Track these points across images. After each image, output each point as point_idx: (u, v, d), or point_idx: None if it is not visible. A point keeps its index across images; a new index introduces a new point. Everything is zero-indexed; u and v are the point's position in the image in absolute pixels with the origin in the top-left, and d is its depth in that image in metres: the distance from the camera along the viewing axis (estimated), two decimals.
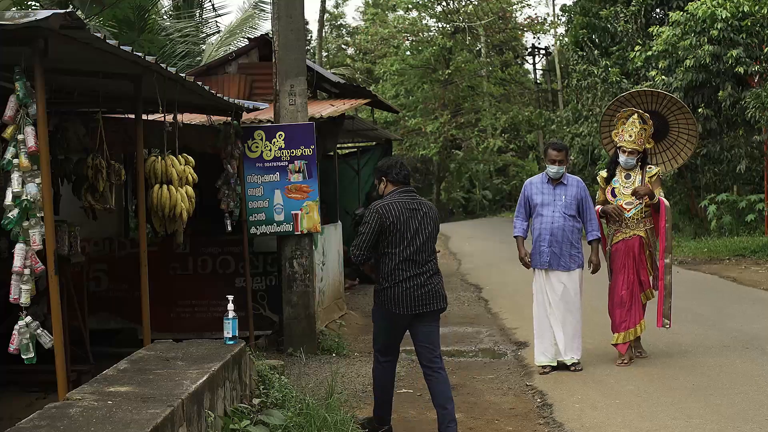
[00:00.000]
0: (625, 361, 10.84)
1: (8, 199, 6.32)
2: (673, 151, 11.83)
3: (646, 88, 12.34)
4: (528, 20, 54.45)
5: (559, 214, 10.61)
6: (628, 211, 10.96)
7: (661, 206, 10.84)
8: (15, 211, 6.28)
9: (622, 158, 11.00)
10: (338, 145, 20.65)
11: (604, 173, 11.37)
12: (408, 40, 53.84)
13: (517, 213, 11.13)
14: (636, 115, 10.97)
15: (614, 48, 32.68)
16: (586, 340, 11.87)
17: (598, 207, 11.16)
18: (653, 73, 25.75)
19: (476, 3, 51.96)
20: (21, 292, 6.32)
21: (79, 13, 13.81)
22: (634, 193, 10.83)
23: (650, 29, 27.11)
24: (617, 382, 9.97)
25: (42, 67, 6.26)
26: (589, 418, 8.70)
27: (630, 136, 10.89)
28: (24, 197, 6.28)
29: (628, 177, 11.04)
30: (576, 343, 10.78)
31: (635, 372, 10.39)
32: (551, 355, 10.79)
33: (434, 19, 53.81)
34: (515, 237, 11.02)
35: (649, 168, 11.07)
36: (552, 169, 10.68)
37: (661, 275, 10.94)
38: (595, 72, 31.18)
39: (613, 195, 11.11)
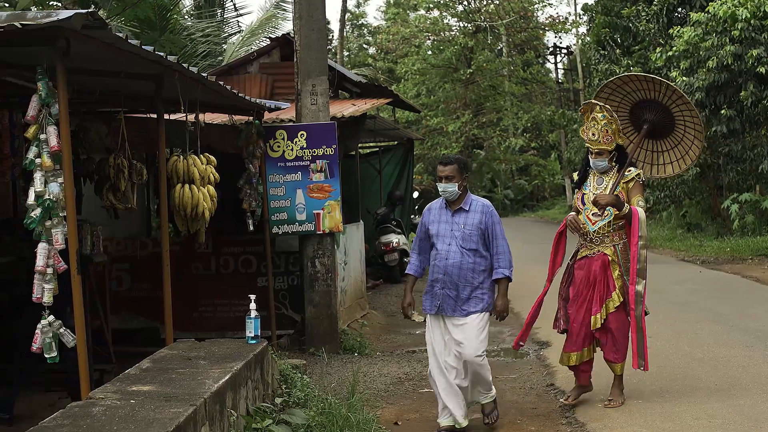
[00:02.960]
0: (569, 399, 9.30)
1: (31, 198, 6.34)
2: (682, 148, 9.94)
3: (639, 73, 10.62)
4: (549, 19, 54.41)
5: (455, 249, 8.48)
6: (593, 224, 9.12)
7: (633, 219, 8.93)
8: (38, 211, 6.30)
9: (591, 160, 9.30)
10: (360, 145, 20.68)
11: (576, 175, 9.73)
12: (429, 39, 53.89)
13: (413, 245, 8.98)
14: (597, 107, 9.19)
15: (636, 47, 32.60)
16: None
17: (571, 214, 9.38)
18: (674, 73, 25.65)
19: (498, 2, 51.98)
20: (44, 291, 6.34)
21: (100, 12, 13.84)
22: (595, 203, 8.99)
23: (671, 30, 27.00)
24: (639, 381, 9.92)
25: (64, 67, 6.28)
26: (611, 419, 8.66)
27: (593, 134, 9.17)
28: (46, 196, 6.30)
29: (600, 182, 9.26)
30: (482, 386, 8.70)
31: (657, 372, 10.33)
32: (461, 415, 8.61)
33: (456, 19, 53.84)
34: (404, 276, 9.16)
35: (629, 171, 9.18)
36: (439, 187, 8.59)
37: (632, 304, 8.93)
38: (617, 71, 31.04)
39: (583, 203, 9.28)
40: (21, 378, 9.42)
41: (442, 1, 52.57)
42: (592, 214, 9.09)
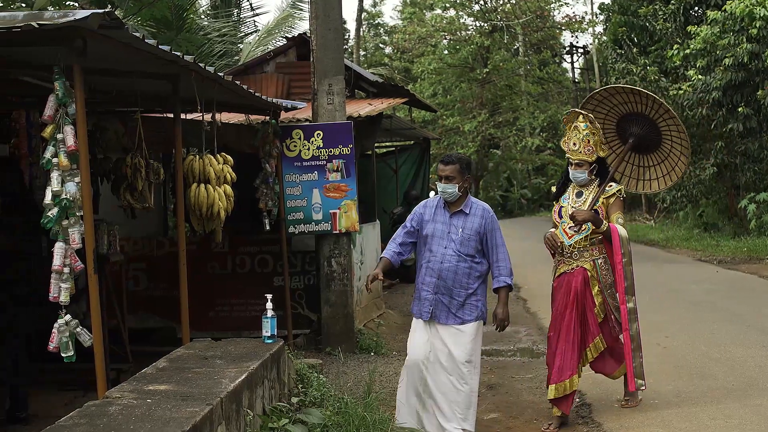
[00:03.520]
0: (551, 428, 8.74)
1: (48, 198, 6.34)
2: (669, 163, 9.61)
3: (626, 86, 10.21)
4: (566, 19, 54.36)
5: (451, 252, 8.00)
6: (570, 237, 8.81)
7: (613, 236, 8.67)
8: (54, 210, 6.31)
9: (570, 171, 8.97)
10: (376, 144, 20.68)
11: (554, 188, 9.43)
12: (446, 39, 53.88)
13: (397, 233, 8.41)
14: (581, 117, 8.88)
15: (653, 47, 32.52)
16: None
17: (550, 231, 9.07)
18: (691, 72, 25.59)
19: (514, 2, 51.88)
20: (60, 291, 6.35)
21: (117, 12, 13.87)
22: (572, 218, 8.67)
23: (689, 28, 26.94)
24: (656, 382, 9.90)
25: (81, 67, 6.28)
26: (628, 418, 8.64)
27: (574, 144, 8.83)
28: (63, 196, 6.30)
29: (579, 195, 8.93)
30: (467, 411, 7.99)
31: (674, 372, 10.31)
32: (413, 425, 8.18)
33: (472, 18, 53.80)
34: (380, 258, 8.50)
35: (610, 186, 8.88)
36: (438, 187, 8.11)
37: (624, 324, 8.68)
38: (634, 70, 31.03)
39: (560, 216, 8.96)
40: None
41: (458, 1, 52.58)
42: (569, 228, 8.78)
